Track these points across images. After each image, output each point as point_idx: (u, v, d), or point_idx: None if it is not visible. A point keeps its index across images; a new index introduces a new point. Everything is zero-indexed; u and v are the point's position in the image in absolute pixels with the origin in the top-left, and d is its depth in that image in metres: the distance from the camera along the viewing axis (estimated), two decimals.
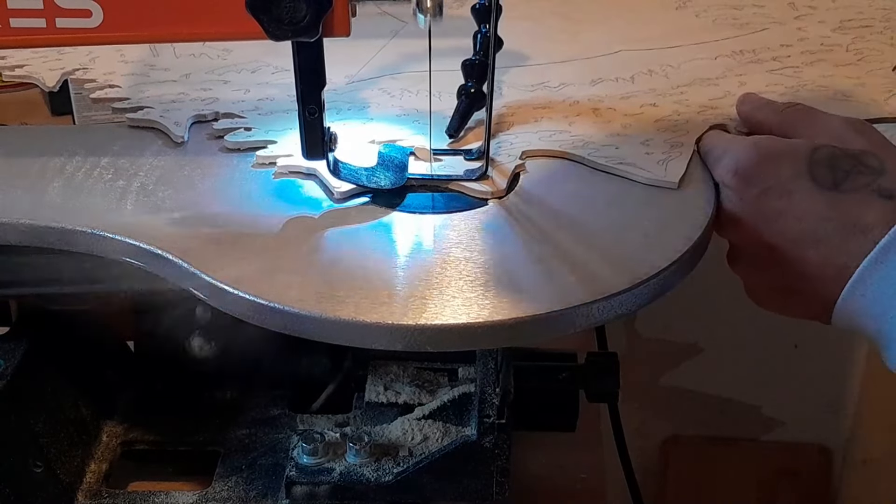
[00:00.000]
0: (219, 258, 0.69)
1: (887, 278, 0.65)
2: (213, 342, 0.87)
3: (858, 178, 0.68)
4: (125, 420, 0.89)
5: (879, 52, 0.93)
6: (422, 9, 0.70)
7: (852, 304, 0.67)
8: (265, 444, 0.85)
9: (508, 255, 0.69)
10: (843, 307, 0.68)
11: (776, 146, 0.72)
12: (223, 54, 0.93)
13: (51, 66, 0.90)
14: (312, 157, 0.73)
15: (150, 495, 0.82)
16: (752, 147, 0.72)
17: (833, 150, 0.70)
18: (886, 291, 0.65)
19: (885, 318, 0.66)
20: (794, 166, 0.69)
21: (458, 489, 0.78)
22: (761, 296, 0.75)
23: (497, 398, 0.78)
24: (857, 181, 0.68)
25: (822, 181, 0.69)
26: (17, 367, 0.80)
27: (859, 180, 0.68)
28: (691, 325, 1.40)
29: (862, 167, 0.69)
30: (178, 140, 0.82)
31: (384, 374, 0.87)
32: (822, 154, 0.70)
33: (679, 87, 0.88)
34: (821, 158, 0.69)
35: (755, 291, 0.75)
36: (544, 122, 0.83)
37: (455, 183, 0.76)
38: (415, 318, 0.64)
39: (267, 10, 0.67)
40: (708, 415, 1.46)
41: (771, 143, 0.73)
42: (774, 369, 1.41)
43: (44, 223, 0.72)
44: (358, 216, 0.73)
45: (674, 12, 1.02)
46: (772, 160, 0.71)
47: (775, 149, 0.72)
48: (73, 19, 0.70)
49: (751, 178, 0.71)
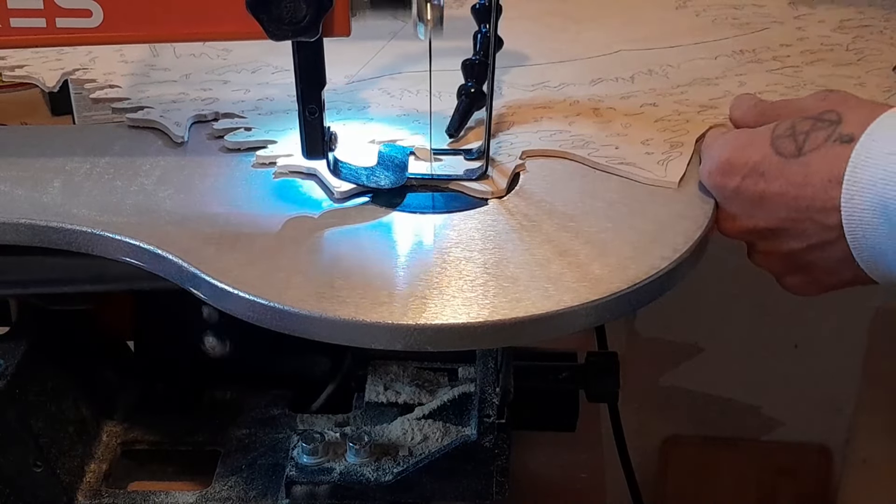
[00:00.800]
0: (219, 258, 0.69)
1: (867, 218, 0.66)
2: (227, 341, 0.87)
3: (818, 135, 0.69)
4: (125, 420, 0.89)
5: (879, 52, 0.93)
6: (422, 20, 0.70)
7: (867, 250, 0.68)
8: (265, 444, 0.85)
9: (508, 255, 0.69)
10: (861, 257, 0.68)
11: (742, 137, 0.74)
12: (223, 54, 0.93)
13: (51, 66, 0.90)
14: (312, 156, 0.73)
15: (150, 495, 0.82)
16: (721, 144, 0.74)
17: (792, 121, 0.71)
18: (880, 230, 0.66)
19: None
20: (760, 149, 0.71)
21: (458, 489, 0.78)
22: (794, 284, 0.76)
23: (497, 398, 0.78)
24: (817, 138, 0.69)
25: (787, 152, 0.70)
26: (17, 367, 0.80)
27: (819, 137, 0.69)
28: (691, 325, 1.40)
29: (820, 124, 0.70)
30: (178, 140, 0.82)
31: (384, 374, 0.87)
32: (782, 128, 0.71)
33: (679, 87, 0.88)
34: (782, 132, 0.71)
35: (785, 282, 0.76)
36: (544, 121, 0.83)
37: (455, 183, 0.76)
38: (415, 318, 0.64)
39: (267, 9, 0.67)
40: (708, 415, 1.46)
41: (737, 135, 0.75)
42: (774, 369, 1.41)
43: (44, 223, 0.72)
44: (358, 216, 0.73)
45: (674, 12, 1.02)
46: (739, 150, 0.72)
47: (741, 139, 0.73)
48: (73, 19, 0.70)
49: (726, 173, 0.72)
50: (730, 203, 0.73)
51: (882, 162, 0.65)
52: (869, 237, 0.67)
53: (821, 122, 0.70)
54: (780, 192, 0.70)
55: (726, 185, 0.72)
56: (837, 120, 0.69)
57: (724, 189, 0.73)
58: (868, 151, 0.66)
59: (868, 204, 0.66)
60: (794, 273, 0.75)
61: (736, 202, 0.72)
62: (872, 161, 0.66)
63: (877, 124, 0.67)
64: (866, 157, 0.66)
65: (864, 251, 0.68)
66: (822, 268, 0.72)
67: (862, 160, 0.66)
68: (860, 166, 0.66)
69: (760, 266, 0.76)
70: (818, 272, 0.73)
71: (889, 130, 0.66)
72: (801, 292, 0.76)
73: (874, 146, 0.66)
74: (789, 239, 0.72)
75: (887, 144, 0.66)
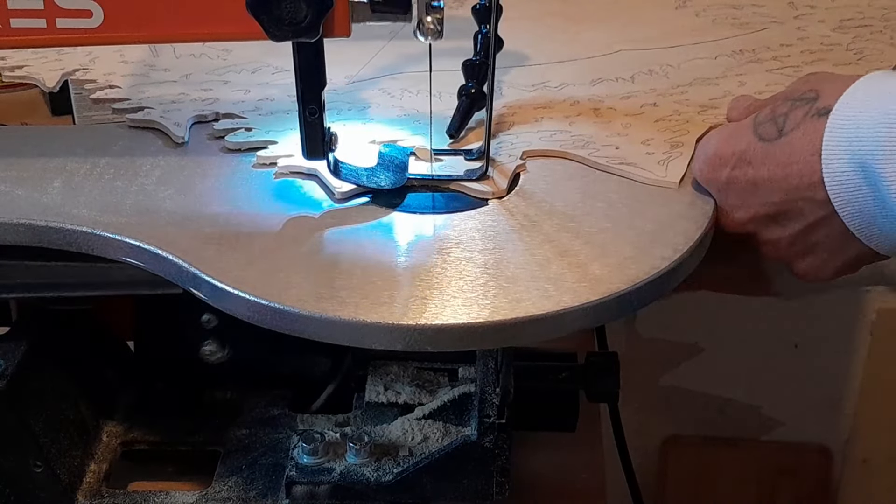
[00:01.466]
0: (219, 258, 0.69)
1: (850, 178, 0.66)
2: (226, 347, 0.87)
3: (796, 114, 0.69)
4: (125, 420, 0.89)
5: (879, 51, 0.93)
6: (422, 30, 0.70)
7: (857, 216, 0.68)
8: (265, 444, 0.85)
9: (508, 256, 0.69)
10: (853, 225, 0.68)
11: (726, 129, 0.75)
12: (223, 54, 0.93)
13: (51, 67, 0.90)
14: (313, 157, 0.73)
15: (150, 495, 0.82)
16: (707, 141, 0.75)
17: (772, 106, 0.72)
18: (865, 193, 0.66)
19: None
20: (744, 138, 0.71)
21: (458, 489, 0.78)
22: (806, 269, 0.75)
23: (497, 398, 0.78)
24: (796, 116, 0.69)
25: (769, 136, 0.70)
26: (17, 367, 0.80)
27: (797, 115, 0.69)
28: (691, 325, 1.40)
29: (798, 103, 0.70)
30: (178, 140, 0.82)
31: (384, 374, 0.87)
32: (763, 115, 0.72)
33: (679, 86, 0.88)
34: (762, 119, 0.71)
35: (798, 269, 0.76)
36: (545, 121, 0.83)
37: (455, 183, 0.76)
38: (415, 318, 0.64)
39: (267, 10, 0.67)
40: (708, 415, 1.46)
41: (722, 129, 0.75)
42: (774, 369, 1.42)
43: (44, 223, 0.72)
44: (358, 216, 0.73)
45: (674, 12, 1.02)
46: (724, 142, 0.73)
47: (725, 132, 0.74)
48: (73, 19, 0.70)
49: (715, 166, 0.73)
50: (724, 196, 0.73)
51: (854, 121, 0.65)
52: (855, 203, 0.67)
53: (798, 102, 0.70)
54: (769, 177, 0.70)
55: (717, 178, 0.73)
56: (815, 97, 0.69)
57: (717, 182, 0.73)
58: (843, 115, 0.66)
59: (847, 166, 0.66)
60: (802, 257, 0.74)
61: (730, 194, 0.73)
62: (846, 123, 0.66)
63: (851, 89, 0.67)
64: (841, 120, 0.66)
65: (856, 218, 0.68)
66: (827, 247, 0.72)
67: (838, 124, 0.66)
68: (835, 129, 0.66)
69: (770, 258, 0.76)
70: (825, 253, 0.73)
71: (861, 92, 0.66)
72: (815, 277, 0.75)
73: (847, 108, 0.66)
74: (788, 221, 0.72)
75: (859, 104, 0.66)
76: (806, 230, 0.72)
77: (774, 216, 0.72)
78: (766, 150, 0.70)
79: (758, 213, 0.72)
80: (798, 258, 0.75)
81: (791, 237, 0.73)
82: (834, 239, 0.71)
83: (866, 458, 1.45)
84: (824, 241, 0.72)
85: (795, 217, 0.71)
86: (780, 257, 0.76)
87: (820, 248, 0.73)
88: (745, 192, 0.72)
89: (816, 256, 0.74)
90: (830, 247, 0.72)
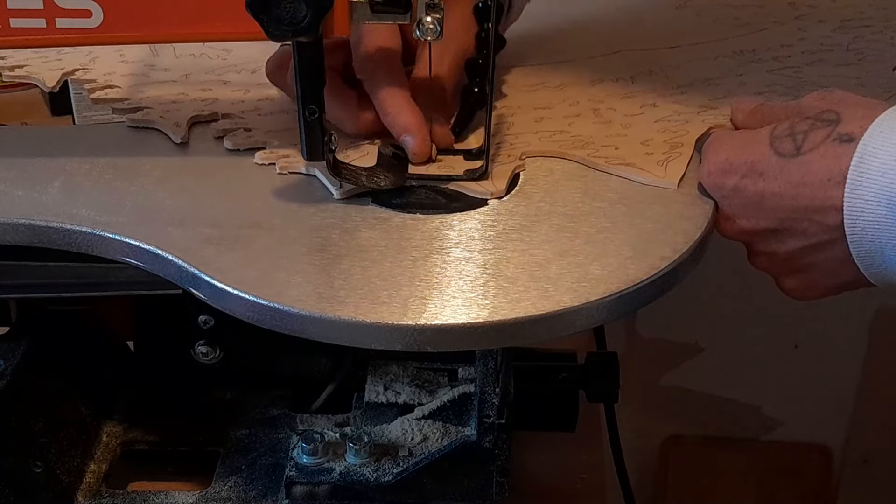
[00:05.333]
0: (219, 258, 0.69)
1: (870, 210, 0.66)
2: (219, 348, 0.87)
3: (816, 135, 0.69)
4: (125, 420, 0.89)
5: (879, 52, 0.93)
6: (422, 30, 0.70)
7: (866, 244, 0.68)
8: (265, 444, 0.85)
9: (508, 255, 0.69)
10: (858, 252, 0.68)
11: (740, 137, 0.74)
12: (223, 54, 0.93)
13: (51, 67, 0.90)
14: (312, 157, 0.73)
15: (150, 495, 0.82)
16: (720, 144, 0.74)
17: (791, 121, 0.71)
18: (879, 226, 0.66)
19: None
20: (759, 149, 0.71)
21: (458, 489, 0.78)
22: (793, 287, 0.76)
23: (497, 398, 0.78)
24: (816, 137, 0.69)
25: (786, 152, 0.70)
26: (17, 367, 0.80)
27: (817, 136, 0.69)
28: (691, 325, 1.40)
29: (818, 123, 0.70)
30: (177, 140, 0.82)
31: (384, 374, 0.87)
32: (781, 128, 0.71)
33: (679, 87, 0.88)
34: (780, 133, 0.71)
35: (785, 285, 0.76)
36: (544, 122, 0.83)
37: (455, 183, 0.76)
38: (415, 318, 0.64)
39: (267, 10, 0.67)
40: (708, 415, 1.46)
41: (736, 135, 0.75)
42: (774, 369, 1.42)
43: (44, 223, 0.72)
44: (358, 216, 0.73)
45: (674, 12, 1.02)
46: (738, 150, 0.72)
47: (740, 139, 0.74)
48: (73, 19, 0.70)
49: (725, 172, 0.72)
50: (728, 203, 0.73)
51: (889, 153, 0.65)
52: (870, 230, 0.67)
53: (819, 122, 0.70)
54: (779, 192, 0.70)
55: (725, 185, 0.72)
56: (836, 119, 0.69)
57: (723, 188, 0.73)
58: (873, 143, 0.66)
59: (873, 195, 0.66)
60: (793, 275, 0.75)
61: (735, 202, 0.72)
62: (879, 152, 0.66)
63: (880, 120, 0.67)
64: (873, 148, 0.66)
65: (864, 246, 0.68)
66: (821, 269, 0.72)
67: (870, 151, 0.66)
68: (866, 158, 0.66)
69: (760, 268, 0.76)
70: (817, 274, 0.73)
71: (893, 122, 0.66)
72: (800, 295, 0.76)
73: (879, 139, 0.66)
74: (788, 239, 0.72)
75: (891, 135, 0.66)
76: (805, 250, 0.71)
77: (775, 231, 0.72)
78: (780, 164, 0.70)
79: (759, 225, 0.72)
80: (788, 274, 0.75)
81: (788, 254, 0.73)
82: (831, 262, 0.71)
83: (866, 458, 1.45)
84: (821, 263, 0.72)
85: (797, 235, 0.71)
86: (770, 270, 0.76)
87: (814, 269, 0.73)
88: (751, 202, 0.71)
89: (807, 276, 0.74)
90: (825, 269, 0.72)
